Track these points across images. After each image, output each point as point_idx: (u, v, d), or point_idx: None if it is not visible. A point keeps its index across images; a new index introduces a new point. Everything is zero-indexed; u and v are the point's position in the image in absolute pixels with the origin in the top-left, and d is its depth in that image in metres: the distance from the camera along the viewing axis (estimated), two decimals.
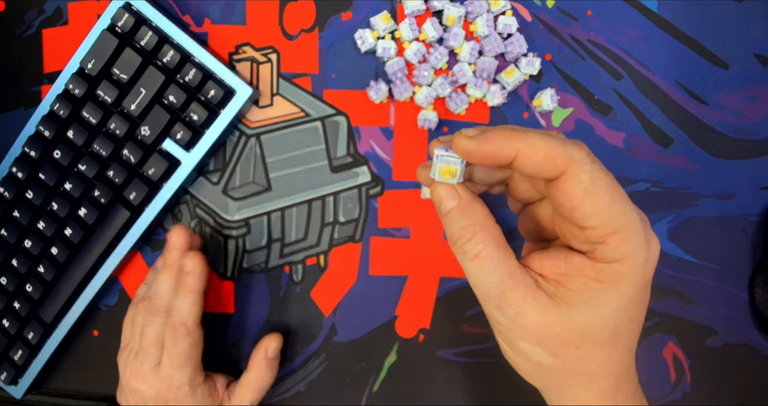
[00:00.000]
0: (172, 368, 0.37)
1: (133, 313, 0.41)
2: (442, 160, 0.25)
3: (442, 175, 0.25)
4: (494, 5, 0.40)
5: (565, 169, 0.22)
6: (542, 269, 0.25)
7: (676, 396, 0.42)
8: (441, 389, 0.43)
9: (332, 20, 0.42)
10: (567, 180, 0.22)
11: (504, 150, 0.23)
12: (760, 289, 0.40)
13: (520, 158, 0.23)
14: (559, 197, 0.23)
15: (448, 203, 0.25)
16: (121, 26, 0.40)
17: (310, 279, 0.43)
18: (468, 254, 0.24)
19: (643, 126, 0.41)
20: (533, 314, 0.24)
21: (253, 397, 0.41)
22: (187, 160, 0.41)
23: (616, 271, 0.23)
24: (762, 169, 0.41)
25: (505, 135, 0.23)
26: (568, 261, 0.24)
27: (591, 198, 0.22)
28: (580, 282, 0.24)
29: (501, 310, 0.24)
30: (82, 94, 0.41)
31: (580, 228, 0.23)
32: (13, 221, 0.43)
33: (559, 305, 0.24)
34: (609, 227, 0.22)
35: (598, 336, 0.24)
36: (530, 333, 0.24)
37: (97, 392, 0.46)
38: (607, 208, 0.22)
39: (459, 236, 0.24)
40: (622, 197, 0.23)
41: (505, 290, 0.24)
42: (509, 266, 0.24)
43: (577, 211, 0.23)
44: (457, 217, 0.24)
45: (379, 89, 0.41)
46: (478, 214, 0.24)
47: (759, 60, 0.40)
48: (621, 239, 0.22)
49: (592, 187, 0.22)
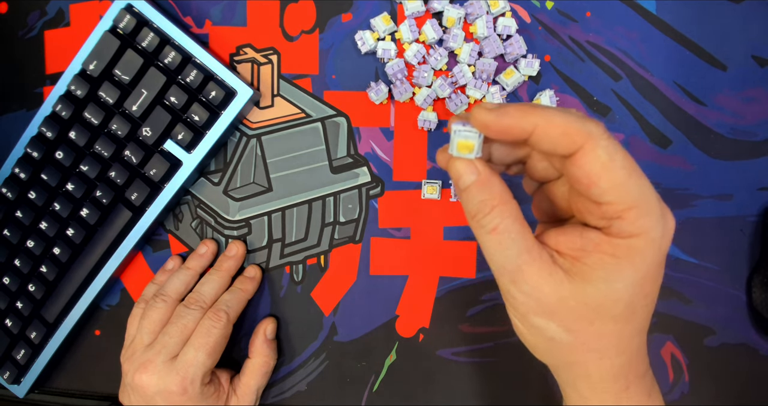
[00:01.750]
0: (197, 354, 0.38)
1: (140, 311, 0.41)
2: (460, 135, 0.25)
3: (460, 150, 0.25)
4: (494, 7, 0.40)
5: (583, 144, 0.22)
6: (558, 245, 0.25)
7: (674, 396, 0.42)
8: (441, 389, 0.43)
9: (332, 21, 0.42)
10: (584, 156, 0.22)
11: (522, 124, 0.23)
12: (758, 289, 0.40)
13: (538, 133, 0.23)
14: (576, 173, 0.23)
15: (467, 177, 0.25)
16: (122, 28, 0.40)
17: (311, 279, 0.44)
18: (486, 227, 0.24)
19: (641, 127, 0.41)
20: (548, 289, 0.24)
21: (258, 382, 0.41)
22: (188, 160, 0.41)
23: (632, 246, 0.23)
24: (760, 170, 0.41)
25: (524, 110, 0.23)
26: (584, 237, 0.24)
27: (608, 173, 0.22)
28: (596, 257, 0.24)
29: (516, 284, 0.24)
30: (84, 95, 0.41)
31: (597, 204, 0.23)
32: (16, 222, 0.43)
33: (574, 280, 0.24)
34: (625, 202, 0.22)
35: (612, 311, 0.24)
36: (545, 308, 0.24)
37: (99, 392, 0.46)
38: (623, 183, 0.22)
39: (477, 210, 0.24)
40: (638, 173, 0.23)
41: (522, 264, 0.24)
42: (526, 240, 0.24)
43: (594, 186, 0.23)
44: (476, 191, 0.24)
45: (379, 90, 0.41)
46: (497, 189, 0.24)
47: (757, 61, 0.40)
48: (637, 214, 0.23)
49: (609, 162, 0.22)
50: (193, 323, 0.39)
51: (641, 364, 0.27)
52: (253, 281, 0.43)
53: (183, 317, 0.39)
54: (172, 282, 0.41)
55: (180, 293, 0.41)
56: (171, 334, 0.38)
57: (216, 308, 0.40)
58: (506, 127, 0.23)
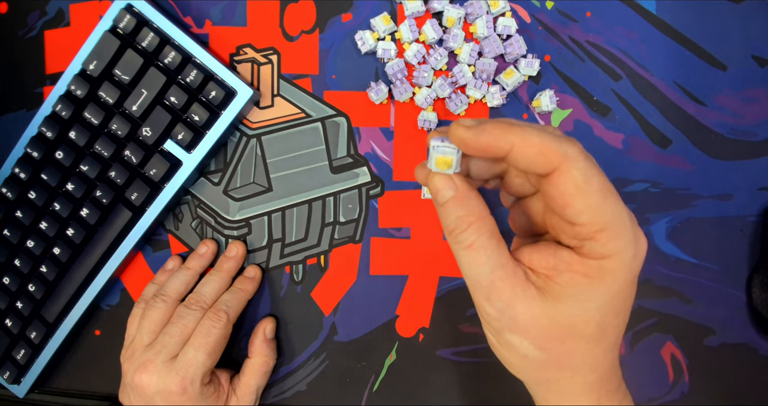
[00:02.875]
0: (197, 354, 0.38)
1: (140, 311, 0.41)
2: (439, 151, 0.25)
3: (439, 165, 0.25)
4: (494, 7, 0.40)
5: (559, 165, 0.23)
6: (531, 263, 0.25)
7: (674, 396, 0.42)
8: (440, 389, 0.43)
9: (332, 21, 0.42)
10: (560, 176, 0.23)
11: (499, 143, 0.23)
12: (758, 289, 0.40)
13: (515, 152, 0.23)
14: (551, 193, 0.23)
15: (445, 193, 0.25)
16: (122, 28, 0.40)
17: (311, 279, 0.44)
18: (462, 243, 0.25)
19: (641, 127, 0.41)
20: (522, 306, 0.24)
21: (258, 382, 0.41)
22: (188, 160, 0.41)
23: (603, 267, 0.23)
24: (760, 170, 0.41)
25: (502, 128, 0.23)
26: (557, 256, 0.25)
27: (582, 195, 0.23)
28: (568, 277, 0.24)
29: (490, 301, 0.25)
30: (84, 95, 0.41)
31: (570, 224, 0.23)
32: (16, 222, 0.43)
33: (547, 299, 0.24)
34: (598, 223, 0.23)
35: (583, 331, 0.25)
36: (518, 325, 0.25)
37: (99, 392, 0.46)
38: (597, 205, 0.23)
39: (455, 226, 0.25)
40: (613, 195, 0.23)
41: (496, 280, 0.24)
42: (501, 257, 0.24)
43: (569, 207, 0.23)
44: (454, 207, 0.25)
45: (379, 90, 0.41)
46: (474, 205, 0.25)
47: (757, 61, 0.40)
48: (610, 236, 0.23)
49: (584, 184, 0.22)
50: (193, 323, 0.39)
51: (614, 379, 0.27)
52: (253, 281, 0.43)
53: (183, 317, 0.39)
54: (172, 282, 0.41)
55: (180, 293, 0.41)
56: (171, 334, 0.39)
57: (216, 308, 0.40)
58: (484, 145, 0.24)
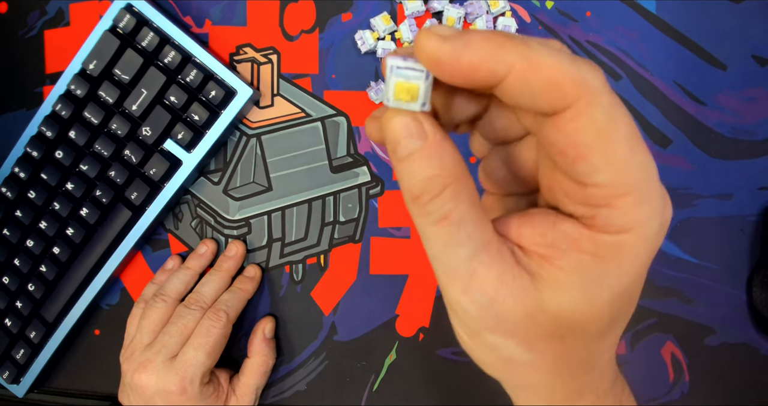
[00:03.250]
0: (197, 354, 0.38)
1: (140, 310, 0.41)
2: (399, 74, 0.17)
3: (399, 96, 0.17)
4: (494, 6, 0.40)
5: (576, 100, 0.16)
6: (521, 239, 0.18)
7: (674, 395, 0.42)
8: (441, 388, 0.43)
9: (332, 21, 0.42)
10: (576, 117, 0.16)
11: (491, 63, 0.16)
12: (758, 288, 0.40)
13: (513, 79, 0.16)
14: (559, 140, 0.16)
15: (409, 143, 0.17)
16: (122, 27, 0.40)
17: (311, 279, 0.44)
18: (433, 215, 0.17)
19: (641, 126, 0.41)
20: (511, 301, 0.18)
21: (258, 382, 0.41)
22: (188, 160, 0.41)
23: (621, 244, 0.17)
24: (760, 170, 0.41)
25: (495, 41, 0.16)
26: (558, 229, 0.18)
27: (605, 145, 0.16)
28: (574, 258, 0.17)
29: (469, 294, 0.18)
30: (84, 94, 0.41)
31: (580, 184, 0.17)
32: (16, 221, 0.43)
33: (543, 288, 0.18)
34: (621, 185, 0.16)
35: (590, 327, 0.19)
36: (504, 324, 0.18)
37: (99, 391, 0.46)
38: (623, 160, 0.16)
39: (423, 189, 0.17)
40: (642, 146, 0.17)
41: (478, 266, 0.17)
42: (485, 234, 0.18)
43: (583, 161, 0.16)
44: (422, 164, 0.17)
45: (379, 90, 0.41)
46: (450, 160, 0.17)
47: (757, 61, 0.40)
48: (633, 201, 0.16)
49: (608, 128, 0.16)
50: (193, 323, 0.39)
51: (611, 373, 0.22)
52: (252, 280, 0.43)
53: (183, 316, 0.39)
54: (172, 282, 0.41)
55: (180, 292, 0.41)
56: (171, 333, 0.38)
57: (216, 308, 0.40)
58: (467, 67, 0.16)
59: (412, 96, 0.17)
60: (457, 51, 0.16)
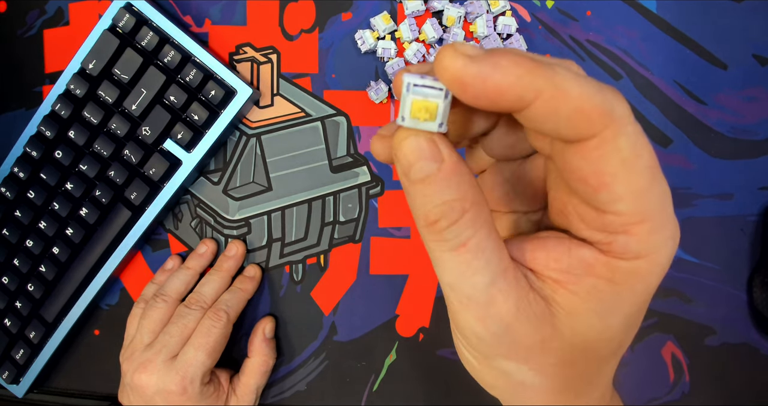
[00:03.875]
0: (197, 354, 0.38)
1: (140, 310, 0.41)
2: (416, 92, 0.16)
3: (416, 114, 0.16)
4: (494, 6, 0.40)
5: (602, 129, 0.15)
6: (535, 263, 0.18)
7: (674, 396, 0.42)
8: (441, 388, 0.43)
9: (332, 21, 0.42)
10: (601, 146, 0.15)
11: (519, 88, 0.15)
12: (759, 288, 0.40)
13: (539, 106, 0.15)
14: (581, 168, 0.16)
15: (424, 165, 0.16)
16: (122, 27, 0.40)
17: (311, 279, 0.43)
18: (451, 242, 0.17)
19: (642, 126, 0.41)
20: (527, 328, 0.18)
21: (258, 382, 0.41)
22: (187, 160, 0.41)
23: (636, 269, 0.17)
24: (760, 170, 0.41)
25: (525, 66, 0.15)
26: (573, 255, 0.18)
27: (627, 175, 0.16)
28: (589, 283, 0.18)
29: (485, 322, 0.18)
30: (84, 94, 0.41)
31: (599, 211, 0.17)
32: (15, 221, 0.43)
33: (558, 314, 0.18)
34: (640, 214, 0.16)
35: (602, 351, 0.19)
36: (519, 350, 0.18)
37: (98, 392, 0.46)
38: (644, 189, 0.16)
39: (440, 215, 0.17)
40: (661, 177, 0.17)
41: (496, 294, 0.17)
42: (502, 260, 0.17)
43: (605, 190, 0.16)
44: (439, 187, 0.17)
45: (379, 89, 0.41)
46: (467, 184, 0.17)
47: (757, 60, 0.40)
48: (650, 229, 0.17)
49: (633, 158, 0.16)
50: (193, 323, 0.39)
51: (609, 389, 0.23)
52: (252, 280, 0.43)
53: (183, 316, 0.39)
54: (172, 282, 0.41)
55: (180, 292, 0.41)
56: (171, 333, 0.38)
57: (216, 308, 0.40)
58: (494, 90, 0.15)
59: (431, 115, 0.16)
60: (484, 73, 0.15)
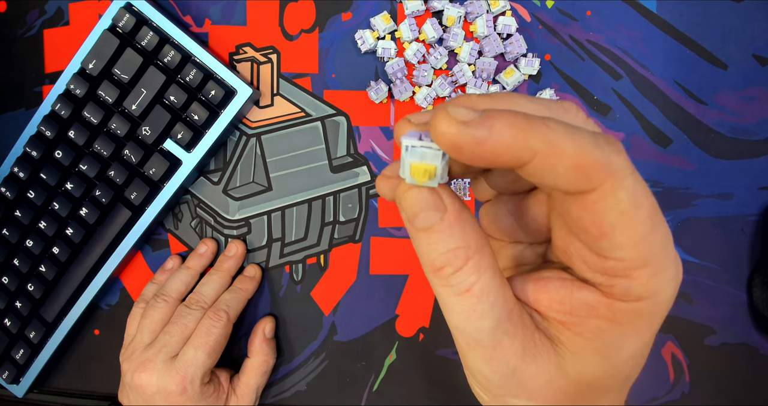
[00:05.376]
0: (197, 353, 0.38)
1: (140, 310, 0.41)
2: (415, 154, 0.17)
3: (416, 176, 0.17)
4: (494, 6, 0.40)
5: (601, 183, 0.16)
6: (538, 304, 0.19)
7: (674, 395, 0.42)
8: (441, 388, 0.43)
9: (332, 20, 0.42)
10: (600, 199, 0.16)
11: (515, 151, 0.15)
12: (759, 288, 0.40)
13: (537, 164, 0.16)
14: (581, 218, 0.17)
15: (428, 215, 0.17)
16: (122, 27, 0.40)
17: (311, 278, 0.43)
18: (456, 287, 0.18)
19: (642, 126, 0.41)
20: (533, 368, 0.18)
21: (258, 381, 0.41)
22: (187, 160, 0.41)
23: (638, 311, 0.18)
24: (760, 170, 0.41)
25: (519, 126, 0.15)
26: (575, 297, 0.18)
27: (627, 225, 0.16)
28: (592, 325, 0.18)
29: (492, 364, 0.18)
30: (83, 94, 0.41)
31: (600, 256, 0.17)
32: (15, 221, 0.43)
33: (564, 354, 0.19)
34: (641, 259, 0.17)
35: (608, 387, 0.20)
36: (527, 390, 0.19)
37: (98, 391, 0.46)
38: (644, 238, 0.17)
39: (445, 262, 0.18)
40: (661, 222, 0.17)
41: (501, 336, 0.18)
42: (507, 303, 0.18)
43: (606, 239, 0.17)
44: (444, 236, 0.17)
45: (379, 89, 0.41)
46: (471, 231, 0.18)
47: (758, 60, 0.40)
48: (651, 273, 0.17)
49: (632, 210, 0.16)
50: (193, 323, 0.39)
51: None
52: (252, 280, 0.43)
53: (183, 316, 0.39)
54: (172, 282, 0.41)
55: (180, 292, 0.41)
56: (171, 333, 0.38)
57: (216, 308, 0.40)
58: (490, 153, 0.16)
59: (430, 176, 0.17)
60: (479, 138, 0.15)
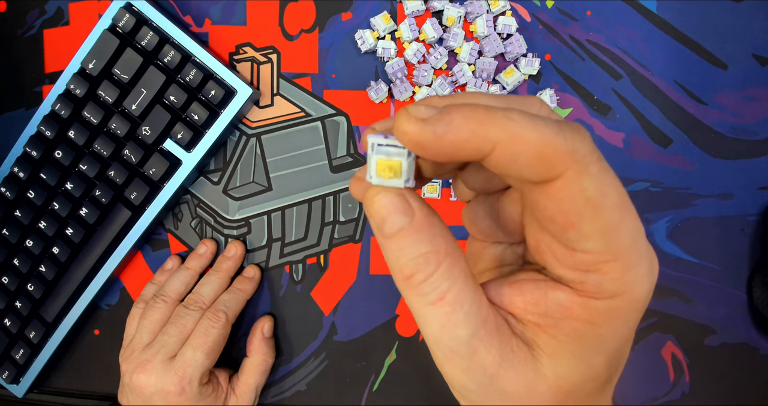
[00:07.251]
0: (195, 354, 0.38)
1: (139, 310, 0.41)
2: (380, 151, 0.17)
3: (381, 174, 0.17)
4: (494, 5, 0.40)
5: (564, 171, 0.16)
6: (513, 307, 0.18)
7: (674, 395, 0.42)
8: (441, 388, 0.43)
9: (332, 20, 0.42)
10: (564, 187, 0.16)
11: (475, 143, 0.15)
12: (759, 288, 0.40)
13: (498, 154, 0.16)
14: (547, 208, 0.16)
15: (396, 219, 0.17)
16: (122, 26, 0.40)
17: (311, 278, 0.43)
18: (429, 296, 0.17)
19: (642, 126, 0.41)
20: (512, 374, 0.18)
21: (257, 381, 0.41)
22: (187, 159, 0.41)
23: (613, 308, 0.17)
24: (760, 169, 0.41)
25: (476, 118, 0.15)
26: (549, 298, 0.18)
27: (595, 214, 0.16)
28: (568, 327, 0.18)
29: (470, 373, 0.18)
30: (83, 94, 0.41)
31: (569, 249, 0.17)
32: (15, 221, 0.43)
33: (541, 357, 0.18)
34: (611, 252, 0.16)
35: (588, 390, 0.19)
36: (506, 396, 0.18)
37: (98, 391, 0.46)
38: (612, 228, 0.16)
39: (415, 268, 0.17)
40: (631, 212, 0.17)
41: (479, 345, 0.17)
42: (482, 309, 0.17)
43: (573, 229, 0.16)
44: (412, 241, 0.17)
45: (379, 89, 0.41)
46: (440, 236, 0.17)
47: (758, 60, 0.40)
48: (623, 267, 0.17)
49: (598, 198, 0.16)
50: (192, 323, 0.39)
51: None
52: (252, 281, 0.43)
53: (182, 317, 0.39)
54: (172, 282, 0.41)
55: (180, 293, 0.41)
56: (170, 334, 0.38)
57: (215, 309, 0.40)
58: (451, 147, 0.16)
59: (395, 173, 0.17)
60: (438, 133, 0.16)
